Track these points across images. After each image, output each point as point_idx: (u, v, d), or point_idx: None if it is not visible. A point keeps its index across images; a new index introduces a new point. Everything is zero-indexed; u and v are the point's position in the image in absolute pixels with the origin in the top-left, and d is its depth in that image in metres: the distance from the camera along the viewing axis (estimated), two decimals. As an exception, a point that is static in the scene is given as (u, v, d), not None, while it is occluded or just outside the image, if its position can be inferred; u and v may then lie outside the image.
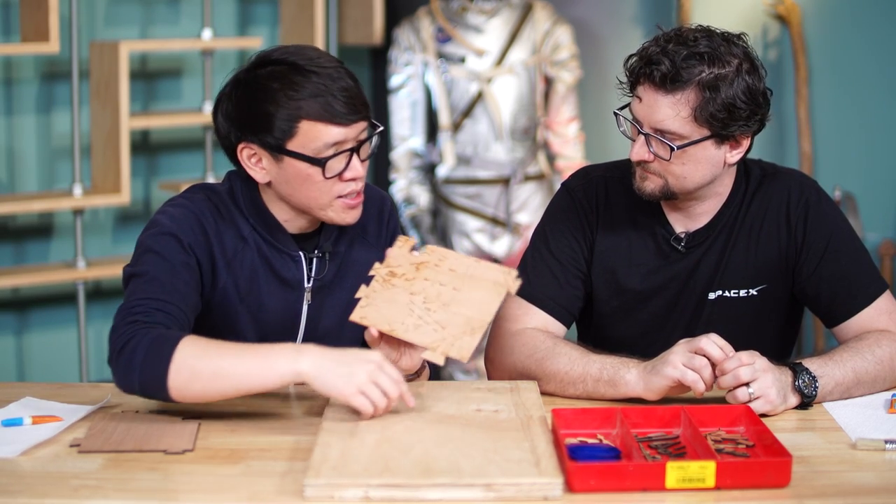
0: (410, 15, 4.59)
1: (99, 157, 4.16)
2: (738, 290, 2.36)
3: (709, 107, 2.19)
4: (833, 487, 1.83)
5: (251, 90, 2.12)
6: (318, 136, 2.10)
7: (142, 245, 2.16)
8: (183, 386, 1.96)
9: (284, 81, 2.09)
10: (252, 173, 2.17)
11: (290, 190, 2.16)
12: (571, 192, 2.43)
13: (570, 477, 1.79)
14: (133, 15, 4.37)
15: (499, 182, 4.51)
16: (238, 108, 2.14)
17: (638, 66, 2.25)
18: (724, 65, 2.20)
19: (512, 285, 2.07)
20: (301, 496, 1.76)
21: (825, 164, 4.31)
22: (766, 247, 2.36)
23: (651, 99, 2.23)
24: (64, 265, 4.19)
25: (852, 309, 2.33)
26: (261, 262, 2.21)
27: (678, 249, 2.37)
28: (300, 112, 2.08)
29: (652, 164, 2.26)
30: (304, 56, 2.12)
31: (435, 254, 2.13)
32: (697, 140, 2.22)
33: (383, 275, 2.12)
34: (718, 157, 2.26)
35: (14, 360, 4.26)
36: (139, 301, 2.07)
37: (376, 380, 1.96)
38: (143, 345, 1.98)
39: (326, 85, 2.09)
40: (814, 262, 2.35)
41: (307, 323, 2.26)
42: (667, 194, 2.29)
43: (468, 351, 2.01)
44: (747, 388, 2.09)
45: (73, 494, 1.78)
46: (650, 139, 2.24)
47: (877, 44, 4.24)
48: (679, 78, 2.19)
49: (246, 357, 1.97)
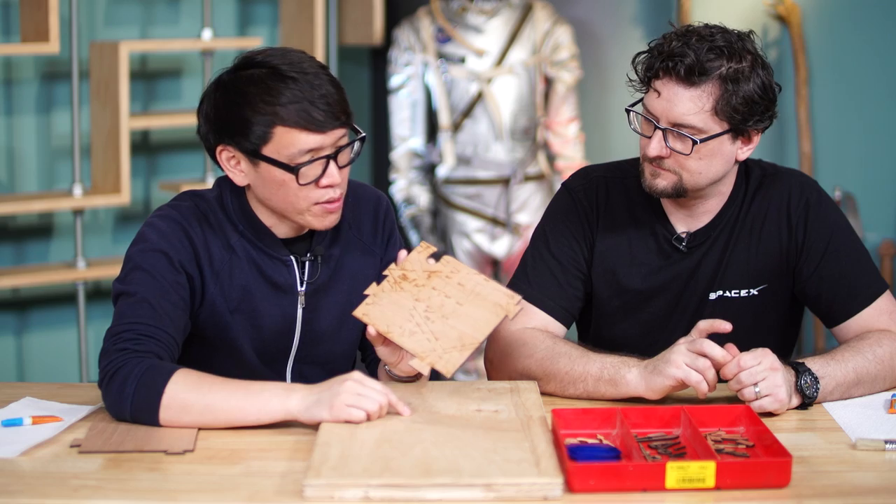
0: (410, 15, 4.59)
1: (99, 157, 4.16)
2: (739, 290, 2.36)
3: (731, 100, 2.21)
4: (833, 487, 1.83)
5: (230, 93, 2.11)
6: (293, 142, 2.08)
7: (131, 261, 2.16)
8: (174, 418, 2.00)
9: (262, 86, 2.08)
10: (231, 175, 2.16)
11: (268, 194, 2.15)
12: (572, 192, 2.43)
13: (570, 477, 1.79)
14: (133, 15, 4.37)
15: (499, 182, 4.51)
16: (216, 110, 2.13)
17: (657, 61, 2.24)
18: (742, 59, 2.22)
19: (512, 310, 2.08)
20: (301, 496, 1.76)
21: (825, 165, 4.31)
22: (766, 247, 2.36)
23: (672, 93, 2.22)
24: (64, 265, 4.19)
25: (853, 309, 2.33)
26: (251, 269, 2.20)
27: (680, 249, 2.37)
28: (275, 118, 2.07)
29: (667, 160, 2.26)
30: (287, 60, 2.11)
31: (449, 265, 2.14)
32: (718, 134, 2.23)
33: (396, 277, 2.13)
34: (732, 153, 2.28)
35: (14, 360, 4.26)
36: (129, 325, 2.07)
37: (360, 393, 1.97)
38: (135, 375, 2.00)
39: (305, 91, 2.07)
40: (814, 263, 2.35)
41: (302, 326, 2.25)
42: (679, 191, 2.29)
43: (454, 366, 2.02)
44: (754, 387, 2.09)
45: (73, 494, 1.78)
46: (668, 134, 2.24)
47: (877, 44, 4.24)
48: (703, 71, 2.20)
49: (238, 394, 2.00)
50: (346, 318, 2.21)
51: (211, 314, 2.19)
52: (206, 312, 2.19)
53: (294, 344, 2.26)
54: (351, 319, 2.14)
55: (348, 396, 1.96)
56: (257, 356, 2.23)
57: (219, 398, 2.00)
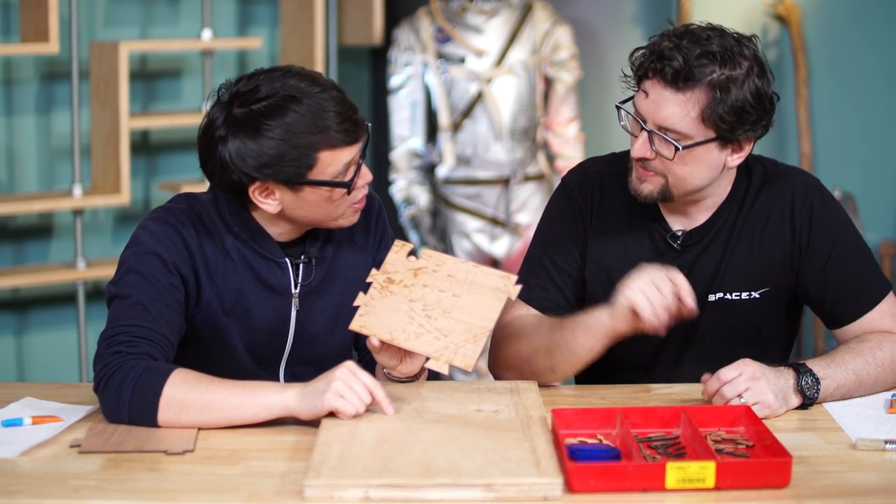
0: (410, 15, 4.59)
1: (99, 157, 4.16)
2: (740, 292, 2.34)
3: (718, 108, 2.16)
4: (833, 488, 1.83)
5: (255, 132, 2.07)
6: (337, 159, 2.10)
7: (125, 264, 2.16)
8: (172, 418, 2.00)
9: (292, 114, 2.06)
10: (263, 206, 2.13)
11: (306, 213, 2.15)
12: (568, 190, 2.42)
13: (569, 477, 1.79)
14: (133, 15, 4.37)
15: (498, 182, 4.51)
16: (246, 152, 2.07)
17: (648, 60, 2.20)
18: (736, 66, 2.17)
19: (512, 291, 2.07)
20: (301, 497, 1.76)
21: (825, 165, 4.31)
22: (769, 250, 2.33)
23: (658, 95, 2.19)
24: (64, 265, 4.19)
25: (857, 312, 2.31)
26: (246, 271, 2.20)
27: (674, 247, 2.35)
28: (319, 143, 2.07)
29: (653, 161, 2.23)
30: (286, 85, 2.08)
31: (432, 259, 2.12)
32: (702, 141, 2.19)
33: (381, 281, 2.11)
34: (720, 160, 2.24)
35: (14, 360, 4.26)
36: (123, 328, 2.07)
37: (350, 384, 1.98)
38: (131, 379, 2.00)
39: (325, 109, 2.07)
40: (819, 266, 2.32)
41: (296, 328, 2.25)
42: (664, 195, 2.26)
43: (472, 359, 2.01)
44: (739, 399, 2.08)
45: (73, 495, 1.78)
46: (653, 136, 2.21)
47: (877, 44, 4.24)
48: (691, 76, 2.15)
49: (235, 391, 2.01)
50: (340, 319, 2.22)
51: (206, 316, 2.19)
52: (201, 314, 2.19)
53: (287, 345, 2.26)
54: (344, 320, 2.14)
55: (342, 385, 1.97)
56: (251, 357, 2.23)
57: (217, 396, 2.00)
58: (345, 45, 4.87)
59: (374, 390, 1.99)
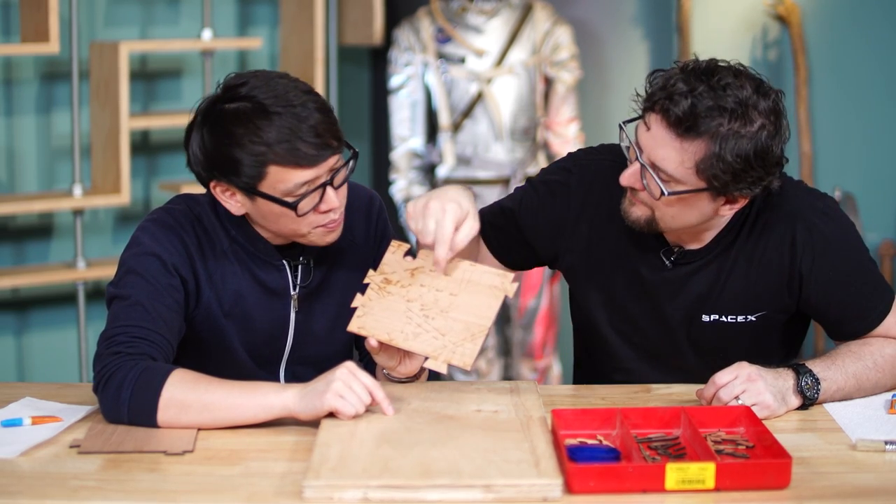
0: (410, 15, 4.59)
1: (99, 157, 4.16)
2: (736, 315, 2.27)
3: (714, 165, 2.05)
4: (833, 489, 1.83)
5: (217, 131, 2.08)
6: (287, 178, 2.06)
7: (124, 265, 2.16)
8: (172, 418, 2.00)
9: (249, 126, 2.04)
10: (227, 206, 2.14)
11: (267, 222, 2.15)
12: (571, 174, 2.35)
13: (569, 478, 1.79)
14: (133, 15, 4.37)
15: (499, 182, 4.51)
16: (205, 149, 2.10)
17: (658, 94, 2.09)
18: (747, 123, 2.05)
19: (509, 289, 2.07)
20: (300, 497, 1.76)
21: (825, 165, 4.31)
22: (767, 275, 2.25)
23: (659, 134, 2.09)
24: (64, 265, 4.19)
25: (861, 331, 2.26)
26: (244, 273, 2.20)
27: (665, 263, 2.27)
28: (267, 157, 2.04)
29: (641, 193, 2.15)
30: (272, 92, 2.06)
31: (429, 258, 2.12)
32: (692, 190, 2.10)
33: (378, 282, 2.11)
34: (710, 209, 2.15)
35: (14, 360, 4.26)
36: (123, 328, 2.07)
37: (350, 384, 1.97)
38: (130, 379, 2.00)
39: (293, 126, 2.03)
40: (821, 293, 2.24)
41: (296, 329, 2.25)
42: (651, 227, 2.19)
43: (470, 358, 2.01)
44: (736, 401, 2.07)
45: (73, 495, 1.78)
46: (645, 171, 2.12)
47: (877, 44, 4.24)
48: (694, 127, 2.04)
49: (234, 392, 2.01)
50: (340, 319, 2.21)
51: (206, 317, 2.19)
52: (201, 315, 2.19)
53: (287, 346, 2.26)
54: (344, 321, 2.13)
55: (342, 385, 1.97)
56: (251, 358, 2.23)
57: (217, 396, 2.00)
58: (345, 45, 4.87)
59: (373, 391, 1.99)
